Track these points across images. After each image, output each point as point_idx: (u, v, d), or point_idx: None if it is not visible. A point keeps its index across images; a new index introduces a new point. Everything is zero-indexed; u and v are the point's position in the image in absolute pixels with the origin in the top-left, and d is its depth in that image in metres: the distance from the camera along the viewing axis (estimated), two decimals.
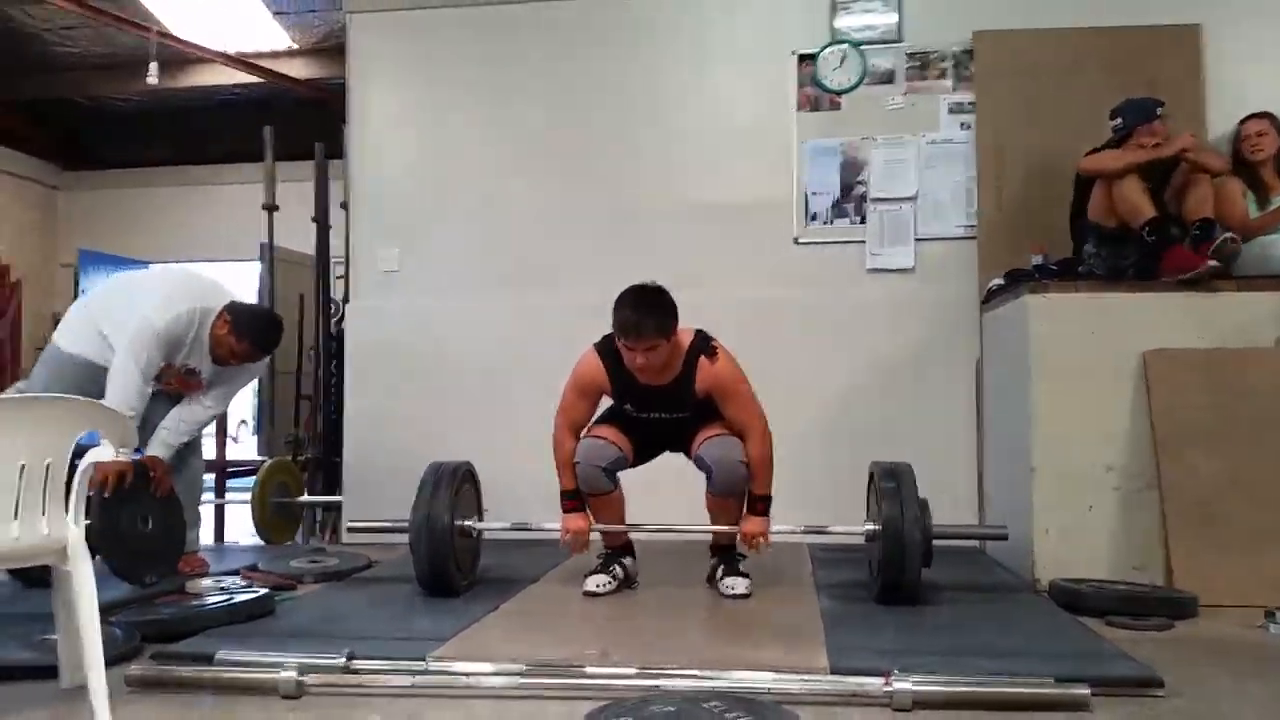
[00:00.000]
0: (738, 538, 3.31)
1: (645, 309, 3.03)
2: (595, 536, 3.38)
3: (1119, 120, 3.85)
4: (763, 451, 3.18)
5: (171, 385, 3.60)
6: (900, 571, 3.02)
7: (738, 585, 3.24)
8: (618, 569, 3.36)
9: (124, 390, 3.32)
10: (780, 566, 3.67)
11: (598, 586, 3.29)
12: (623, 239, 4.72)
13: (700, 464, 3.21)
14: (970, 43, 4.53)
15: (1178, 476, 3.35)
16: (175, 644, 2.57)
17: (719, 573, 3.32)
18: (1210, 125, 4.21)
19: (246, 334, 3.54)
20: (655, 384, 3.16)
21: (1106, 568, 3.39)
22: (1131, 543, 3.41)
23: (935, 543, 3.12)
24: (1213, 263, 3.44)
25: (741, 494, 3.24)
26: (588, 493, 3.27)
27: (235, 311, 3.56)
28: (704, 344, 3.19)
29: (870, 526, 3.22)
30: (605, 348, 3.21)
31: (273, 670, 2.27)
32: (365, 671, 2.33)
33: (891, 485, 3.11)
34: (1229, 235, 3.46)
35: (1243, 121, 3.98)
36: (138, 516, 3.32)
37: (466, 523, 3.36)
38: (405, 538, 3.28)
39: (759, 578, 3.34)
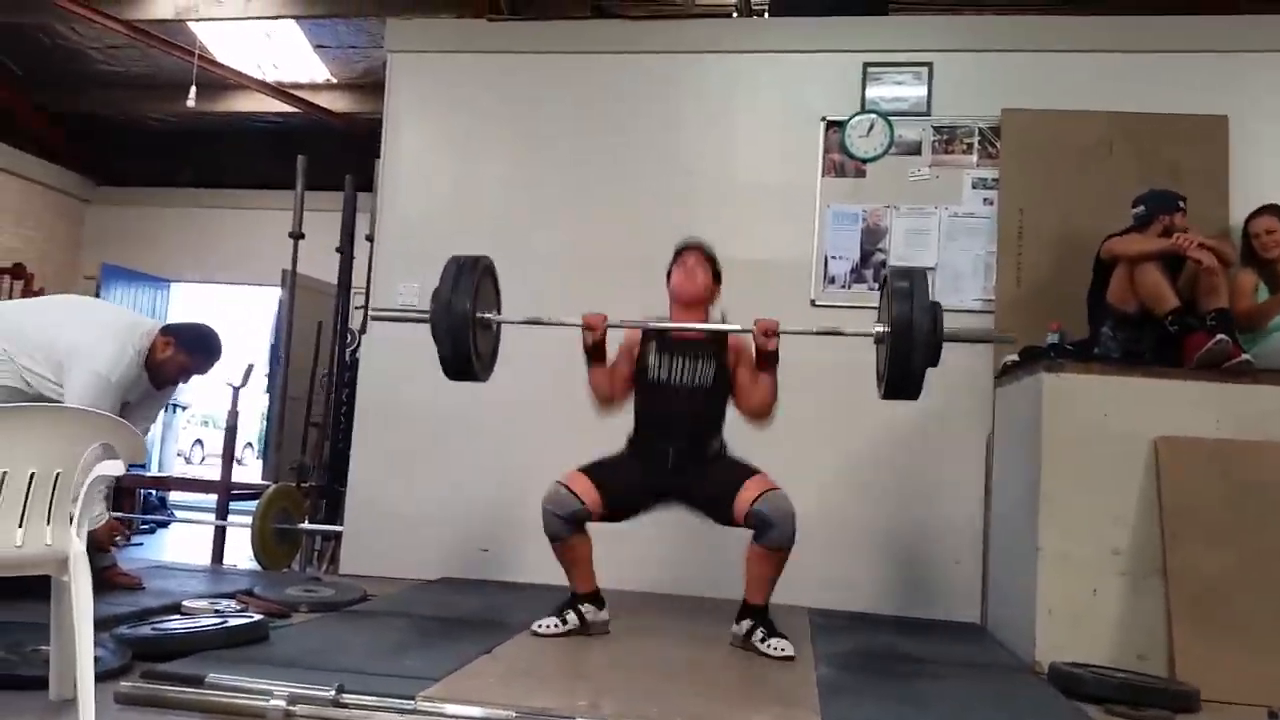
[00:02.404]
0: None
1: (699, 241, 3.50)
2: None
3: (1141, 208, 3.89)
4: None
5: None
6: (908, 360, 2.98)
7: (785, 647, 3.18)
8: (571, 615, 3.34)
9: None
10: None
11: (543, 627, 3.29)
12: (643, 286, 4.71)
13: (758, 520, 3.15)
14: (997, 119, 4.58)
15: (1184, 566, 3.31)
16: (166, 664, 2.56)
17: (757, 634, 3.25)
18: (1234, 214, 4.24)
19: (193, 349, 3.68)
20: (685, 339, 3.35)
21: (1108, 654, 3.34)
22: (1135, 630, 3.36)
23: (924, 617, 3.08)
24: (1245, 357, 3.46)
25: (791, 548, 3.20)
26: (548, 535, 3.28)
27: (175, 332, 3.69)
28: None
29: (880, 328, 3.18)
30: (644, 330, 3.43)
31: (262, 698, 2.26)
32: (354, 706, 2.31)
33: (904, 285, 3.04)
34: (1222, 338, 3.47)
35: (1250, 218, 3.97)
36: None
37: (486, 315, 3.39)
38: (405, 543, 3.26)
39: None
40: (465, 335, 3.23)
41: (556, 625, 3.32)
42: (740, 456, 3.40)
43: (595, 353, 3.38)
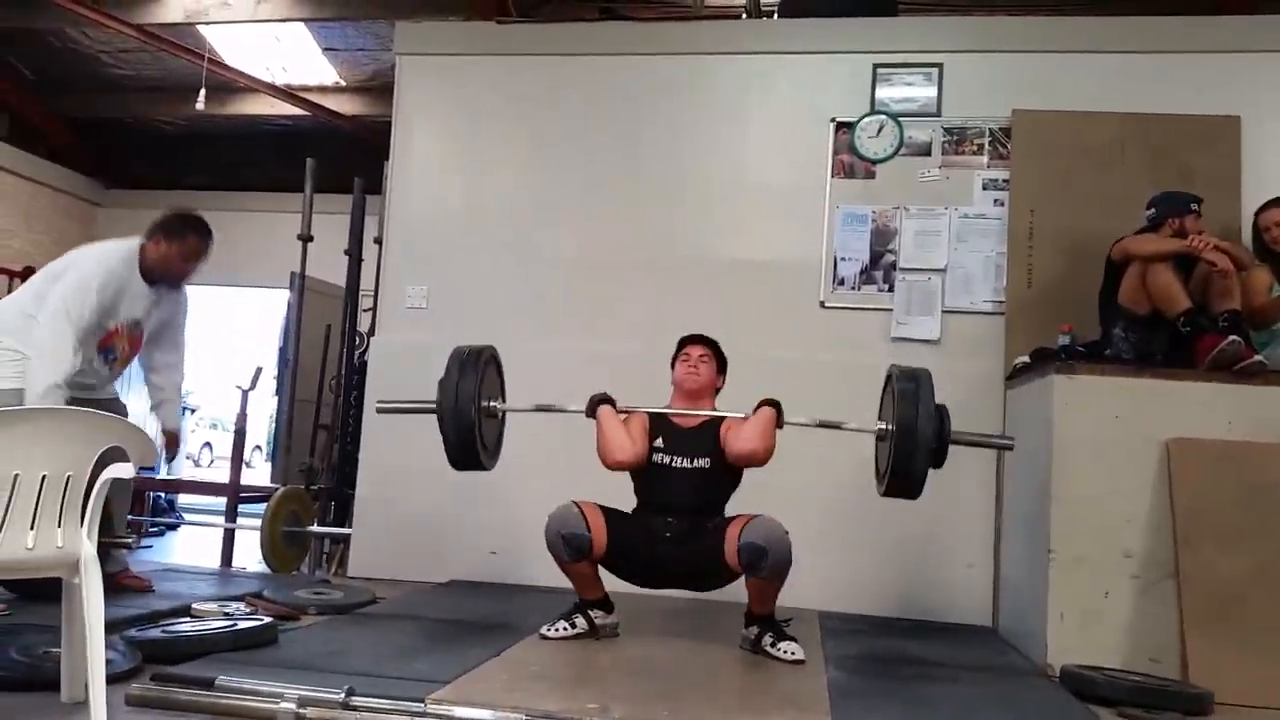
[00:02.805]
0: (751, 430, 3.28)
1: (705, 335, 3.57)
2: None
3: (1153, 210, 3.87)
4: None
5: (126, 352, 3.64)
6: (909, 462, 2.98)
7: (796, 650, 3.18)
8: (580, 620, 3.35)
9: (55, 349, 3.27)
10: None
11: (552, 631, 3.30)
12: (651, 289, 4.75)
13: (750, 551, 3.10)
14: (1007, 120, 4.57)
15: (1197, 569, 3.30)
16: (176, 666, 2.56)
17: (767, 639, 3.24)
18: (1246, 215, 4.20)
19: (180, 232, 3.61)
20: (686, 425, 3.39)
21: (1121, 657, 3.32)
22: (1148, 633, 3.34)
23: (935, 620, 3.07)
24: (1258, 358, 3.43)
25: (789, 568, 3.17)
26: (552, 554, 3.29)
27: (155, 231, 3.60)
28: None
29: (882, 425, 3.19)
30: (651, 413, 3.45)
31: (272, 700, 2.26)
32: (363, 709, 2.31)
33: (910, 387, 3.05)
34: (1235, 339, 3.44)
35: (1260, 211, 3.94)
36: None
37: (491, 403, 3.39)
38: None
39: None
40: (471, 428, 3.24)
41: (565, 629, 3.32)
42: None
43: (606, 399, 3.40)
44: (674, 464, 3.35)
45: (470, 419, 3.22)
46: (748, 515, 3.21)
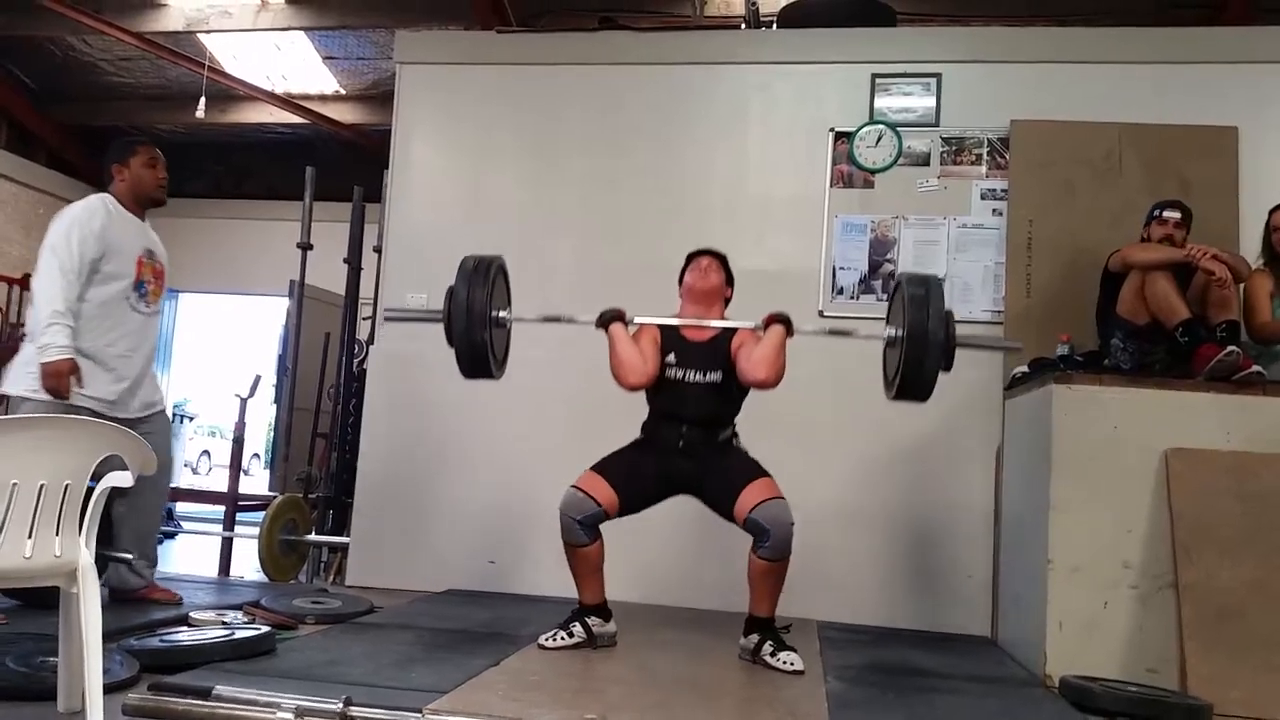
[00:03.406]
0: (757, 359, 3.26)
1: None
2: None
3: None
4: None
5: (155, 285, 3.69)
6: (920, 365, 2.99)
7: (795, 661, 3.18)
8: (578, 628, 3.35)
9: (47, 294, 3.29)
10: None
11: (550, 641, 3.30)
12: (652, 297, 4.73)
13: (754, 527, 3.17)
14: (1006, 130, 4.58)
15: (1196, 579, 3.29)
16: (174, 675, 2.55)
17: (766, 648, 3.25)
18: (1243, 225, 4.22)
19: (129, 150, 3.69)
20: (698, 339, 3.45)
21: (1119, 667, 3.31)
22: (1146, 643, 3.33)
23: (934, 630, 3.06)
24: (1257, 368, 3.43)
25: (788, 558, 3.20)
26: (566, 541, 3.30)
27: (108, 169, 3.66)
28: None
29: (891, 331, 3.19)
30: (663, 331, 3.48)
31: (269, 710, 2.25)
32: (361, 719, 2.30)
33: (920, 292, 3.05)
34: (1233, 350, 3.44)
35: (1273, 211, 3.93)
36: None
37: (500, 313, 3.41)
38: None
39: None
40: (482, 332, 3.24)
41: (564, 638, 3.32)
42: (747, 452, 3.42)
43: (618, 315, 3.41)
44: (686, 378, 3.40)
45: (480, 329, 3.22)
46: (768, 490, 3.21)
